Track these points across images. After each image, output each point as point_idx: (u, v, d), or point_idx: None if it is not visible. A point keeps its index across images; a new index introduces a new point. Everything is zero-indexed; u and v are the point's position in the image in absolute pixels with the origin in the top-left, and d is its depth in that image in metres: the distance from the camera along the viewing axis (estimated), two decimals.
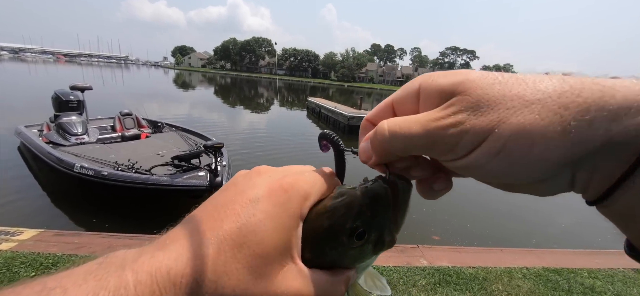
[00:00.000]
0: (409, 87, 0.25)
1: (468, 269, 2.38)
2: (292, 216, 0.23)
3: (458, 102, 0.21)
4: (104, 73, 49.02)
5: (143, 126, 6.61)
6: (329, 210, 0.25)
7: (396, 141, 0.23)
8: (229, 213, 0.23)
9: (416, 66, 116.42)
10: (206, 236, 0.21)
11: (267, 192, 0.24)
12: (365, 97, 35.08)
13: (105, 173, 3.69)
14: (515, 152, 0.19)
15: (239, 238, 0.21)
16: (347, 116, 11.31)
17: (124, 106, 6.88)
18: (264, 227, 0.22)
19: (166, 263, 0.20)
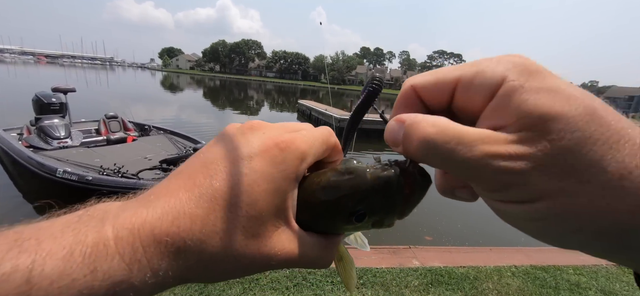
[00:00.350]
0: (490, 75, 0.18)
1: (459, 269, 2.42)
2: (288, 178, 0.22)
3: (533, 140, 0.16)
4: (87, 75, 47.65)
5: (129, 129, 6.45)
6: (332, 186, 0.23)
7: (434, 156, 0.19)
8: (219, 170, 0.21)
9: (405, 69, 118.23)
10: (195, 193, 0.20)
11: (261, 150, 0.22)
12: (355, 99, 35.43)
13: (90, 178, 3.57)
14: (565, 225, 0.17)
15: (231, 198, 0.20)
16: (337, 118, 11.38)
17: (109, 109, 6.70)
18: (257, 187, 0.20)
19: (150, 220, 0.19)
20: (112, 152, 4.83)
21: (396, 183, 0.22)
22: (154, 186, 0.21)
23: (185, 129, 11.06)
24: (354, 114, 0.28)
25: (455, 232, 4.56)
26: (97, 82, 36.24)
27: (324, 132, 0.26)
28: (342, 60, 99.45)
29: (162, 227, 0.19)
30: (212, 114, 16.53)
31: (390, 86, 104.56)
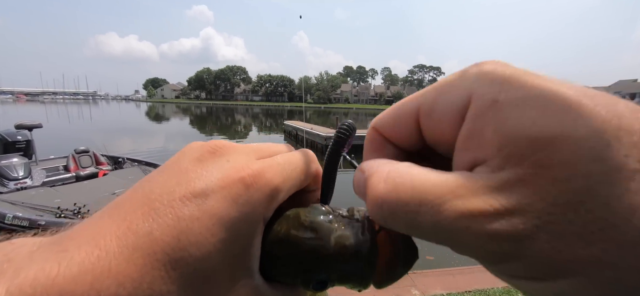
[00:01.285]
0: (453, 95, 0.14)
1: (465, 295, 2.14)
2: (252, 222, 0.18)
3: (529, 181, 0.11)
4: (69, 110, 46.36)
5: (101, 163, 6.01)
6: (290, 242, 0.19)
7: (395, 223, 0.14)
8: (163, 211, 0.16)
9: (388, 85, 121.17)
10: (128, 242, 0.15)
11: (221, 185, 0.17)
12: (342, 116, 35.53)
13: (43, 222, 3.15)
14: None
15: (175, 252, 0.15)
16: (323, 137, 11.20)
17: (90, 144, 6.28)
18: (212, 238, 0.16)
19: (60, 282, 0.13)
20: (77, 190, 4.40)
21: (367, 255, 0.18)
22: (81, 222, 0.17)
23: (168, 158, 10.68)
24: (327, 164, 0.25)
25: (449, 253, 4.28)
26: (80, 116, 35.22)
27: (304, 158, 0.22)
28: (326, 80, 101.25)
29: (75, 293, 0.13)
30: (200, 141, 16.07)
31: (375, 102, 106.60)
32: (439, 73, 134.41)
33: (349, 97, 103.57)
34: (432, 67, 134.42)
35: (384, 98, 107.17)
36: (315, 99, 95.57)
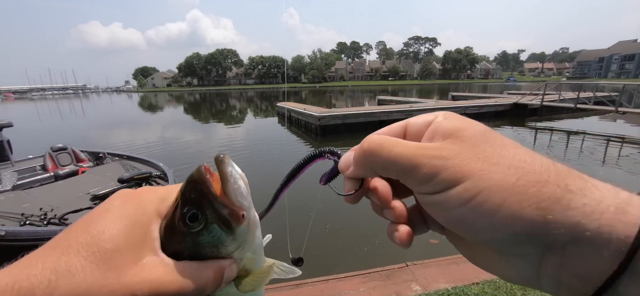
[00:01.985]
0: (422, 119, 0.26)
1: (472, 287, 1.90)
2: (146, 213, 0.25)
3: (451, 142, 0.22)
4: (61, 106, 45.22)
5: (82, 160, 5.67)
6: (165, 198, 0.27)
7: (381, 156, 0.24)
8: (81, 222, 0.23)
9: (383, 59, 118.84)
10: (51, 244, 0.21)
11: (121, 199, 0.25)
12: (337, 95, 34.60)
13: (2, 233, 2.86)
14: (485, 205, 0.19)
15: (88, 238, 0.21)
16: (317, 117, 10.77)
17: (89, 140, 5.91)
18: (114, 225, 0.23)
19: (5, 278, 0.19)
20: (50, 191, 4.09)
21: (198, 174, 0.26)
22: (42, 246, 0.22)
23: (171, 149, 10.52)
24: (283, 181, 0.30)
25: None
26: (72, 112, 34.31)
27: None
28: (319, 58, 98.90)
29: (5, 280, 0.19)
30: (198, 130, 15.69)
31: (371, 78, 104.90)
32: (435, 44, 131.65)
33: (344, 74, 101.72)
34: (427, 38, 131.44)
35: (379, 73, 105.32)
36: (309, 79, 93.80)
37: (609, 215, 0.17)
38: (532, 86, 41.05)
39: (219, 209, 0.26)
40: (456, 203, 0.21)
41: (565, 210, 0.18)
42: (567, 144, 9.32)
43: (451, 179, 0.21)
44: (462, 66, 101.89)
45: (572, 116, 14.39)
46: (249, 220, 0.29)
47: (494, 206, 0.19)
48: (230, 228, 0.27)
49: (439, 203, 0.22)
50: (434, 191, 0.22)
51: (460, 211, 0.21)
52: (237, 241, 0.28)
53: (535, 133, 11.15)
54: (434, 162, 0.21)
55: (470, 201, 0.20)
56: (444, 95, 29.44)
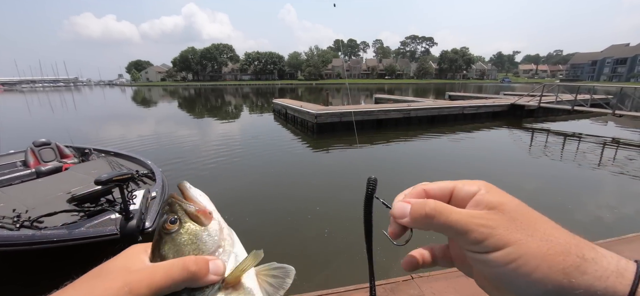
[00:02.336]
0: (467, 188, 0.31)
1: None
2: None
3: (495, 213, 0.27)
4: (51, 99, 44.10)
5: (66, 156, 5.40)
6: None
7: (440, 220, 0.29)
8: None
9: (380, 57, 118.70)
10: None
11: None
12: (334, 92, 34.27)
13: None
14: (524, 267, 0.24)
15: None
16: (314, 114, 10.57)
17: (80, 134, 5.63)
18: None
19: None
20: (28, 190, 3.84)
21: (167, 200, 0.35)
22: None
23: (165, 144, 10.23)
24: (366, 222, 0.36)
25: None
26: (63, 105, 33.47)
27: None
28: (316, 55, 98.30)
29: None
30: (192, 125, 15.37)
31: (367, 76, 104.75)
32: (431, 43, 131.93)
33: (340, 72, 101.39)
34: (424, 37, 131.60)
35: (376, 72, 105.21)
36: (306, 76, 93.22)
37: (612, 279, 0.23)
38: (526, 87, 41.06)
39: (186, 208, 0.33)
40: (500, 263, 0.26)
41: (583, 275, 0.23)
42: (563, 146, 9.29)
43: (497, 244, 0.26)
44: (458, 66, 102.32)
45: (566, 118, 14.45)
46: (220, 222, 0.35)
47: (531, 269, 0.24)
48: (202, 224, 0.33)
49: (485, 261, 0.27)
50: (482, 251, 0.27)
51: (503, 270, 0.25)
52: (213, 239, 0.33)
53: (531, 134, 11.12)
54: (482, 230, 0.27)
55: (512, 264, 0.25)
56: (439, 94, 29.41)
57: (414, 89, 54.79)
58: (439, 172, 6.82)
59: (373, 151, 9.09)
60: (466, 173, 6.84)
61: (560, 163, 7.58)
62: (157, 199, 3.36)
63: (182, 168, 7.20)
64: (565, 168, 7.20)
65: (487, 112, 14.21)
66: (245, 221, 4.33)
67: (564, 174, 6.78)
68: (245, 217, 4.47)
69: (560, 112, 14.38)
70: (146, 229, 2.84)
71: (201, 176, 6.52)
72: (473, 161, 7.95)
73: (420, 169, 7.16)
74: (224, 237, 0.34)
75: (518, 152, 8.89)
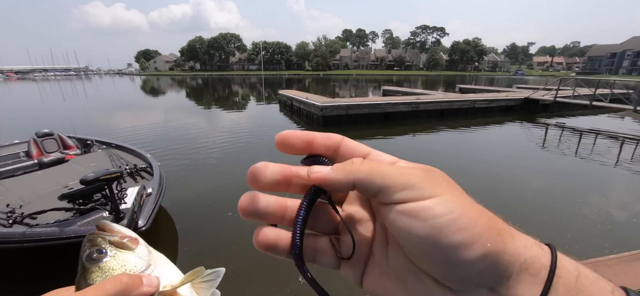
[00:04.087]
0: (385, 156, 0.28)
1: None
2: None
3: (420, 170, 0.24)
4: (63, 87, 44.81)
5: (69, 147, 5.36)
6: None
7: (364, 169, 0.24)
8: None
9: (389, 48, 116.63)
10: None
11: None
12: (341, 83, 33.69)
13: None
14: (463, 220, 0.20)
15: None
16: (320, 107, 10.34)
17: (90, 122, 5.60)
18: None
19: None
20: (27, 182, 3.79)
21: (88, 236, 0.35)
22: None
23: (174, 132, 10.35)
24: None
25: None
26: (74, 94, 33.95)
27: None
28: (324, 45, 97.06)
29: None
30: (200, 114, 15.50)
31: (376, 67, 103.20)
32: (443, 34, 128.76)
33: (348, 62, 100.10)
34: (435, 27, 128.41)
35: (385, 62, 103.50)
36: (313, 66, 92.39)
37: (536, 249, 0.21)
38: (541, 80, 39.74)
39: (110, 238, 0.33)
40: (437, 213, 0.21)
41: (513, 239, 0.21)
42: (578, 142, 8.88)
43: (431, 192, 0.22)
44: (470, 58, 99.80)
45: (583, 113, 13.87)
46: (147, 246, 0.36)
47: (471, 222, 0.20)
48: (129, 248, 0.33)
49: (415, 213, 0.21)
50: (412, 199, 0.22)
51: (438, 223, 0.20)
52: (142, 259, 0.34)
53: (545, 130, 10.70)
54: (412, 177, 0.22)
55: (449, 215, 0.20)
56: (450, 87, 28.70)
57: (424, 80, 53.76)
58: (446, 167, 6.55)
59: (379, 145, 8.87)
60: (475, 168, 6.63)
61: (574, 160, 7.24)
62: (153, 195, 3.26)
63: (187, 157, 7.15)
64: (579, 166, 6.87)
65: (499, 107, 13.74)
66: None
67: (578, 171, 6.48)
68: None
69: (576, 107, 13.79)
70: (139, 229, 2.73)
71: (205, 164, 6.45)
72: (483, 156, 7.68)
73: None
74: (154, 257, 0.35)
75: (530, 148, 8.54)
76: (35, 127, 5.42)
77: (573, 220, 4.28)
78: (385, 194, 0.23)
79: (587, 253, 3.45)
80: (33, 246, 2.54)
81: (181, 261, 3.23)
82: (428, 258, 0.21)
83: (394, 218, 0.22)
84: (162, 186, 3.63)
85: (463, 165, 6.94)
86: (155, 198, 3.23)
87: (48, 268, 3.01)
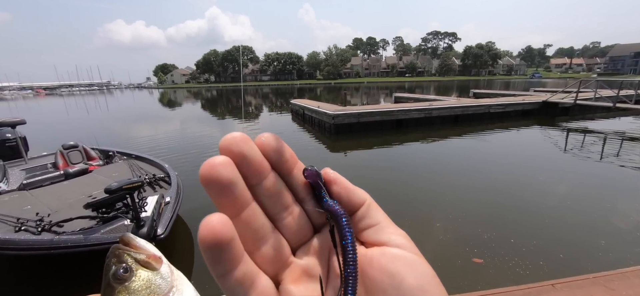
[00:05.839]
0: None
1: None
2: None
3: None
4: (87, 101, 47.12)
5: (92, 158, 5.62)
6: None
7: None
8: None
9: (400, 55, 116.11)
10: None
11: None
12: (352, 91, 33.75)
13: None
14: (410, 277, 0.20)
15: None
16: (331, 115, 10.39)
17: (112, 134, 5.92)
18: None
19: None
20: (54, 192, 3.98)
21: (113, 250, 0.34)
22: None
23: (190, 142, 10.78)
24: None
25: (504, 249, 3.56)
26: (97, 107, 35.62)
27: None
28: (335, 54, 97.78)
29: None
30: (214, 124, 16.10)
31: (387, 74, 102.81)
32: (454, 39, 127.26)
33: (359, 71, 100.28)
34: (447, 33, 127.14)
35: (396, 70, 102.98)
36: (324, 75, 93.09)
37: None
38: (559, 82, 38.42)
39: (136, 256, 0.33)
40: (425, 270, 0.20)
41: None
42: (603, 147, 8.49)
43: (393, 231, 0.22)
44: (484, 62, 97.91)
45: (606, 116, 13.29)
46: (169, 266, 0.37)
47: (433, 276, 0.20)
48: (154, 268, 0.34)
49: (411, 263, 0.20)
50: (410, 249, 0.21)
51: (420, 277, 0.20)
52: (166, 281, 0.34)
53: (566, 134, 10.30)
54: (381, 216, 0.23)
55: (434, 278, 0.20)
56: (463, 92, 28.20)
57: (436, 86, 53.06)
58: (460, 176, 6.43)
59: (392, 152, 8.79)
60: (495, 173, 6.46)
61: (599, 165, 6.92)
62: (171, 204, 3.36)
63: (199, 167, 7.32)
64: (604, 171, 6.56)
65: (516, 111, 13.36)
66: None
67: (603, 177, 6.18)
68: None
69: (598, 110, 13.23)
70: (158, 236, 2.82)
71: None
72: (502, 162, 7.47)
73: (441, 174, 6.79)
74: (175, 278, 0.36)
75: (551, 153, 8.24)
76: (62, 139, 5.72)
77: (606, 227, 4.08)
78: (382, 230, 0.22)
79: (623, 260, 3.28)
80: (60, 253, 2.66)
81: (197, 271, 3.29)
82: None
83: (388, 261, 0.20)
84: (179, 195, 3.73)
85: (481, 169, 6.78)
86: (173, 206, 3.34)
87: (73, 274, 3.14)
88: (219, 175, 0.19)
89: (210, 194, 0.19)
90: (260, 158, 0.21)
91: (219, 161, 0.19)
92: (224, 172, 0.19)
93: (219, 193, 0.19)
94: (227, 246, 0.18)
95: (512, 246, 3.59)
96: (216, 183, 0.19)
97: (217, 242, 0.18)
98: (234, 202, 0.20)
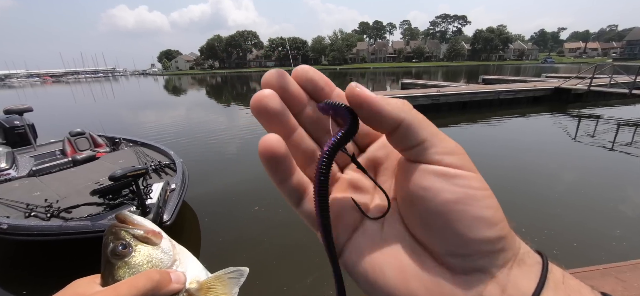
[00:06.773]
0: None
1: None
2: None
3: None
4: (93, 88, 47.49)
5: (99, 145, 5.66)
6: None
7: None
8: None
9: (408, 39, 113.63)
10: None
11: None
12: (358, 77, 33.31)
13: (5, 226, 2.77)
14: (480, 194, 0.20)
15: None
16: None
17: (118, 121, 5.96)
18: None
19: None
20: (62, 179, 4.04)
21: (110, 228, 0.36)
22: None
23: (195, 129, 10.77)
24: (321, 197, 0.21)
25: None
26: (103, 94, 35.90)
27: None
28: (340, 39, 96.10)
29: None
30: (219, 111, 16.13)
31: (394, 59, 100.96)
32: (464, 22, 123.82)
33: (365, 56, 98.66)
34: (456, 16, 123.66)
35: (403, 55, 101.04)
36: (330, 61, 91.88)
37: (528, 247, 0.22)
38: (573, 68, 37.28)
39: (134, 232, 0.33)
40: (473, 185, 0.20)
41: (509, 229, 0.21)
42: (615, 135, 8.26)
43: (469, 166, 0.21)
44: (494, 46, 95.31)
45: (622, 103, 12.88)
46: (170, 240, 0.36)
47: (498, 205, 0.20)
48: (154, 243, 0.33)
49: (452, 177, 0.20)
50: (451, 164, 0.21)
51: (473, 193, 0.20)
52: (167, 255, 0.34)
53: (578, 122, 10.03)
54: (455, 143, 0.22)
55: (485, 191, 0.20)
56: (472, 77, 27.58)
57: (444, 72, 52.02)
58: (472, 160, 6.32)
59: None
60: (504, 159, 6.39)
61: (610, 154, 6.75)
62: (177, 191, 3.37)
63: (206, 153, 7.36)
64: (616, 160, 6.40)
65: (526, 97, 13.03)
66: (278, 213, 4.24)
67: (613, 166, 6.03)
68: (278, 209, 4.37)
69: (613, 97, 12.82)
70: (164, 223, 2.84)
71: (226, 160, 6.61)
72: (512, 149, 7.34)
73: None
74: (178, 251, 0.36)
75: (561, 140, 8.05)
76: (69, 126, 5.76)
77: (622, 217, 4.02)
78: (426, 150, 0.21)
79: (638, 250, 3.22)
80: (68, 238, 2.71)
81: (204, 257, 3.33)
82: (444, 227, 0.20)
83: (423, 177, 0.20)
84: (185, 182, 3.75)
85: (490, 155, 6.68)
86: (178, 193, 3.36)
87: (80, 258, 3.20)
88: (266, 105, 0.21)
89: (262, 122, 0.22)
90: (297, 89, 0.23)
91: (265, 94, 0.21)
92: (270, 102, 0.21)
93: (269, 120, 0.22)
94: (282, 159, 0.21)
95: (523, 236, 3.54)
96: (265, 112, 0.21)
97: (273, 155, 0.21)
98: (282, 128, 0.22)
